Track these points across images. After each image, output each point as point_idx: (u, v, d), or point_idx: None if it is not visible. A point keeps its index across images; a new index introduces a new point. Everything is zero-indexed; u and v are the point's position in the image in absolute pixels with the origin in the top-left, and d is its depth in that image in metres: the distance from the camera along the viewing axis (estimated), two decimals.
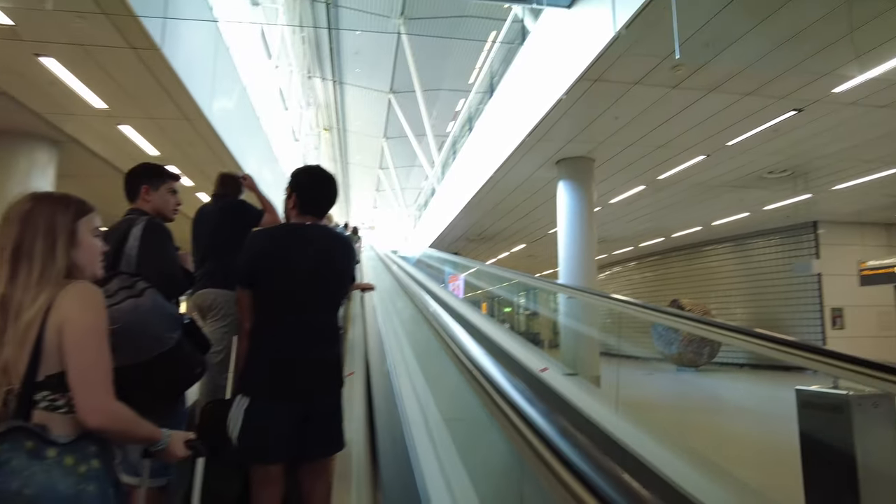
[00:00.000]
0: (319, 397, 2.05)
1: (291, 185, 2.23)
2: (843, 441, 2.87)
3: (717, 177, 10.66)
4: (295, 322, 2.06)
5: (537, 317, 20.33)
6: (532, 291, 18.75)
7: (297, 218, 2.20)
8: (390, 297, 6.86)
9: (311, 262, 2.10)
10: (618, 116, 7.73)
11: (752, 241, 16.42)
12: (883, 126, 8.01)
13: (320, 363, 2.08)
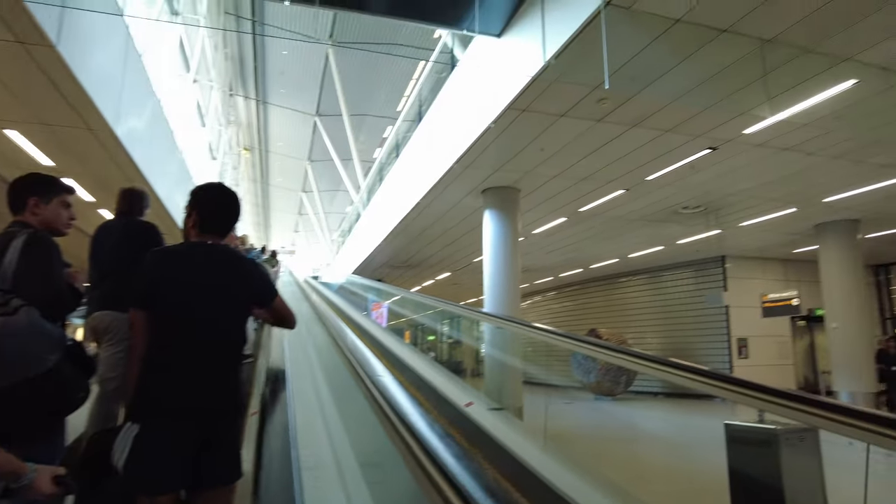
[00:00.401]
0: (215, 423, 1.92)
1: (192, 203, 2.14)
2: (772, 475, 2.85)
3: (636, 210, 11.04)
4: (189, 346, 1.95)
5: (461, 345, 20.21)
6: (456, 320, 18.64)
7: (198, 237, 2.10)
8: (307, 326, 6.45)
9: (210, 283, 2.01)
10: (544, 148, 7.81)
11: (665, 274, 17.17)
12: (786, 168, 8.57)
13: (215, 388, 1.95)
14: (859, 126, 7.07)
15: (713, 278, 15.86)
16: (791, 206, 10.78)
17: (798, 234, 13.16)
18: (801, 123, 6.97)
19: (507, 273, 9.23)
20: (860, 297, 11.95)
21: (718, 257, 15.66)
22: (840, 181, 9.31)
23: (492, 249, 9.41)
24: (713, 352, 15.23)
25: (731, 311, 15.23)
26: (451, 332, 19.23)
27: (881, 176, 9.02)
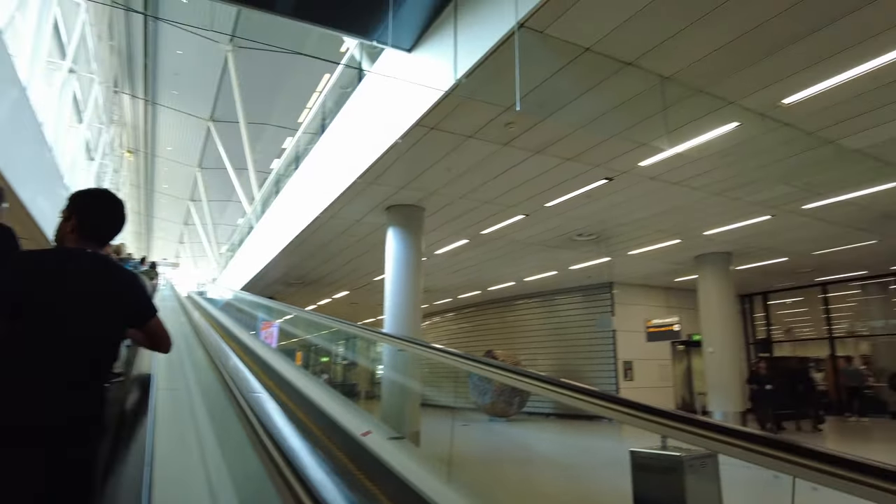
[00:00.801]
0: (63, 447, 1.70)
1: (71, 207, 2.00)
2: (677, 501, 2.84)
3: (534, 235, 11.30)
4: (47, 359, 1.75)
5: (356, 367, 19.65)
6: (351, 340, 18.08)
7: (76, 243, 1.95)
8: (187, 346, 5.83)
9: (81, 294, 1.85)
10: (450, 168, 7.75)
11: (558, 298, 17.76)
12: (673, 201, 9.13)
13: (69, 407, 1.75)
14: (738, 166, 7.67)
15: (602, 303, 16.62)
16: (675, 237, 11.54)
17: (680, 264, 14.12)
18: (689, 160, 7.43)
19: (408, 293, 9.02)
20: (732, 324, 13.00)
21: (607, 283, 16.45)
22: (719, 216, 10.08)
23: (394, 268, 9.17)
24: (601, 374, 15.87)
25: (618, 336, 16.01)
26: (346, 353, 18.63)
27: (752, 213, 9.87)
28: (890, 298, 16.22)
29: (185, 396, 4.42)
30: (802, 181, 8.27)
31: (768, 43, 4.97)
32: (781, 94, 5.81)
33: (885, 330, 16.29)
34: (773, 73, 5.43)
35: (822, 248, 12.72)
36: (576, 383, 3.08)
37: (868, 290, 16.76)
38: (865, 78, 5.49)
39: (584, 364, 16.42)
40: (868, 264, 14.68)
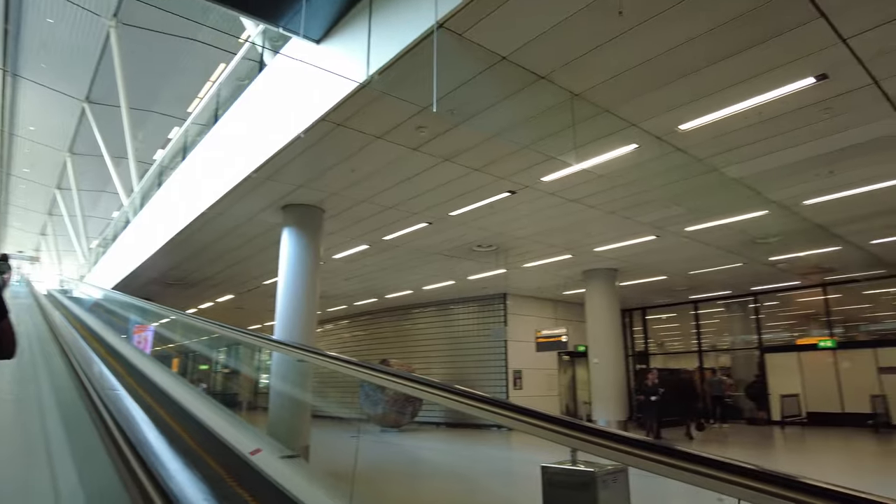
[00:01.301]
0: None
1: None
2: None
3: (436, 244, 11.23)
4: None
5: (238, 375, 18.52)
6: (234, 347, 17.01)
7: None
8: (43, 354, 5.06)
9: None
10: (355, 169, 7.45)
11: (453, 307, 17.86)
12: (570, 217, 9.43)
13: None
14: (633, 187, 8.06)
15: (496, 314, 16.92)
16: (568, 252, 11.97)
17: (570, 278, 14.71)
18: (588, 178, 7.70)
19: (303, 299, 8.54)
20: (616, 337, 13.70)
21: (501, 294, 16.80)
22: (609, 234, 10.58)
23: (288, 272, 8.66)
24: (492, 382, 16.11)
25: (510, 345, 16.36)
26: (230, 361, 17.52)
27: (640, 233, 10.47)
28: (748, 316, 17.97)
29: (33, 408, 3.79)
30: (688, 205, 8.87)
31: (672, 70, 5.22)
32: (679, 120, 6.15)
33: (743, 344, 18.01)
34: (673, 98, 5.72)
35: (697, 269, 13.81)
36: (489, 396, 2.99)
37: (731, 309, 18.48)
38: (751, 112, 5.95)
39: (477, 373, 16.59)
40: (733, 284, 16.16)
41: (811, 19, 4.49)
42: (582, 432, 2.58)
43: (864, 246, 11.76)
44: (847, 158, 7.21)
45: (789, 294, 17.12)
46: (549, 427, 2.74)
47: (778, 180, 7.94)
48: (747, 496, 1.79)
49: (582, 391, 18.77)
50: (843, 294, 16.23)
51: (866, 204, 9.01)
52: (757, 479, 1.80)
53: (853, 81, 5.41)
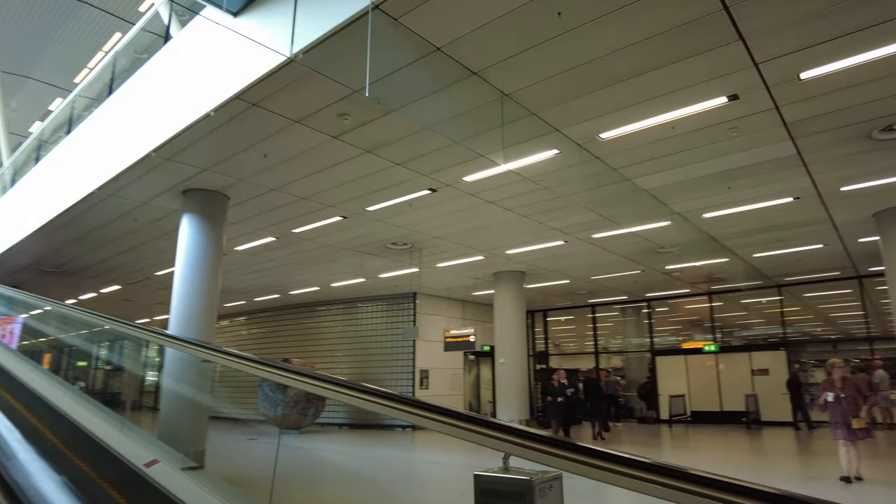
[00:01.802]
0: None
1: None
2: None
3: (349, 240, 10.86)
4: None
5: (122, 373, 17.03)
6: (120, 342, 15.61)
7: None
8: None
9: None
10: (268, 154, 6.98)
11: (361, 305, 17.47)
12: (486, 218, 9.46)
13: None
14: (549, 192, 8.19)
15: (404, 313, 16.74)
16: (481, 253, 12.04)
17: (479, 279, 14.84)
18: (509, 181, 7.73)
19: (202, 292, 7.89)
20: (521, 338, 13.98)
21: (411, 293, 16.64)
22: (522, 237, 10.74)
23: (187, 262, 7.97)
24: (399, 382, 15.92)
25: (418, 345, 16.24)
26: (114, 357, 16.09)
27: (551, 238, 10.72)
28: (641, 321, 19.07)
29: None
30: (599, 212, 9.17)
31: (599, 78, 5.30)
32: (601, 129, 6.29)
33: (636, 347, 19.09)
34: (597, 107, 5.83)
35: (600, 274, 14.41)
36: (420, 400, 2.82)
37: (626, 313, 19.52)
38: (666, 126, 6.20)
39: (383, 372, 16.32)
40: (629, 290, 17.07)
41: (731, 41, 4.72)
42: (518, 437, 2.49)
43: (748, 258, 12.81)
44: (744, 176, 7.75)
45: (679, 301, 18.38)
46: (483, 431, 2.63)
47: (683, 193, 8.40)
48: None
49: (485, 390, 19.05)
50: (725, 302, 17.66)
51: (753, 220, 9.78)
52: (711, 488, 1.76)
53: (759, 104, 5.78)
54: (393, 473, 9.21)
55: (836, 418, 7.36)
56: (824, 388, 7.64)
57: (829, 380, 7.63)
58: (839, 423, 7.32)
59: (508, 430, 2.55)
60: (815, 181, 7.96)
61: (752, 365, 16.18)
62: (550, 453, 2.39)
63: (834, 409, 7.40)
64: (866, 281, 15.15)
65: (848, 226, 10.25)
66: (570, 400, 12.51)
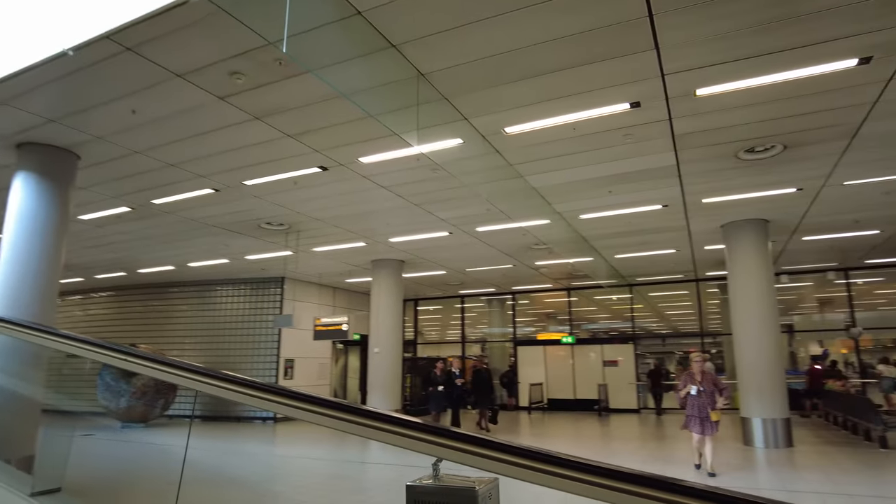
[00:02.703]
0: None
1: None
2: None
3: (219, 216, 9.86)
4: None
5: None
6: None
7: None
8: None
9: None
10: (137, 111, 6.00)
11: (221, 288, 16.13)
12: (376, 203, 9.09)
13: None
14: (444, 182, 8.04)
15: (270, 298, 15.77)
16: (363, 240, 11.62)
17: (357, 266, 14.38)
18: (406, 167, 7.46)
19: (40, 266, 6.63)
20: (397, 327, 13.77)
21: (279, 278, 15.71)
22: (409, 226, 10.51)
23: (19, 228, 6.64)
24: (262, 372, 14.96)
25: (284, 333, 15.37)
26: None
27: (437, 228, 10.62)
28: (506, 312, 19.84)
29: None
30: (487, 206, 9.22)
31: (515, 69, 5.19)
32: (507, 122, 6.23)
33: (500, 337, 19.82)
34: (508, 99, 5.74)
35: (475, 266, 14.66)
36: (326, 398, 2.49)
37: (492, 304, 20.18)
38: (568, 127, 6.31)
39: (243, 361, 15.23)
40: (498, 283, 17.62)
41: (647, 49, 4.86)
42: (449, 439, 2.26)
43: (610, 259, 13.78)
44: (626, 182, 8.21)
45: (541, 295, 19.37)
46: (409, 434, 2.35)
47: (567, 193, 8.70)
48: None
49: (352, 380, 18.64)
50: (581, 298, 18.93)
51: (623, 224, 10.47)
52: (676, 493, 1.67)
53: (656, 114, 6.08)
54: (269, 471, 8.54)
55: (694, 412, 7.48)
56: (685, 381, 7.73)
57: (690, 373, 7.75)
58: (695, 417, 7.43)
59: (434, 431, 2.31)
60: (684, 192, 8.68)
61: (603, 356, 17.53)
62: (486, 456, 2.17)
63: (693, 402, 7.52)
64: (702, 284, 17.09)
65: (699, 234, 11.39)
66: (459, 390, 12.32)
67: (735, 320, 10.43)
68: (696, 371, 7.70)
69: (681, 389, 7.82)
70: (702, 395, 7.48)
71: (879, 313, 16.32)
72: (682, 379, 7.97)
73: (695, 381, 7.63)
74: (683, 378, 7.91)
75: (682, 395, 7.75)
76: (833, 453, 9.11)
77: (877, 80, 5.46)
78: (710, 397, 7.47)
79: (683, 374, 7.99)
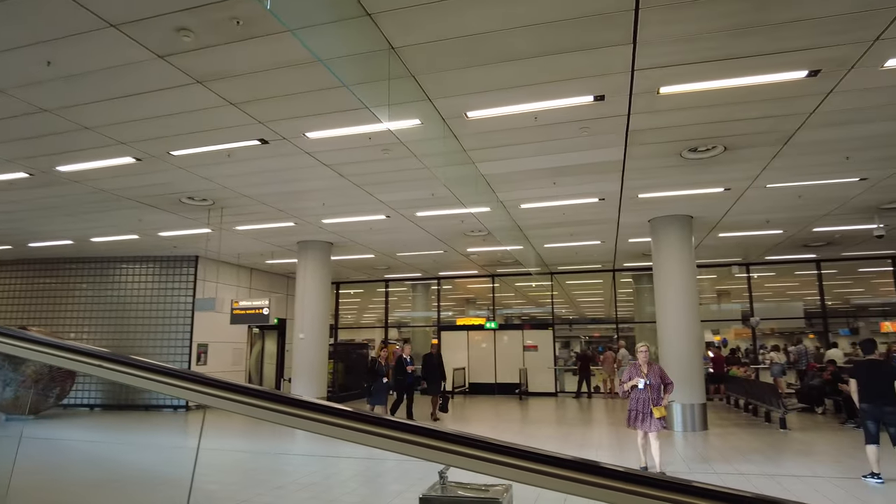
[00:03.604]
0: None
1: None
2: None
3: (136, 188, 8.94)
4: None
5: None
6: None
7: None
8: None
9: None
10: (53, 62, 5.19)
11: (126, 267, 14.79)
12: (315, 182, 8.63)
13: None
14: (394, 164, 7.73)
15: (182, 278, 14.68)
16: (293, 219, 11.01)
17: (280, 247, 13.68)
18: (357, 145, 7.07)
19: None
20: (325, 312, 13.27)
21: (192, 256, 14.67)
22: (347, 207, 10.07)
23: None
24: (173, 358, 13.93)
25: (197, 316, 14.39)
26: None
27: (375, 211, 10.28)
28: (429, 297, 19.78)
29: None
30: (433, 191, 9.00)
31: (486, 52, 4.97)
32: (470, 106, 6.03)
33: (423, 321, 19.76)
34: (475, 82, 5.53)
35: (407, 251, 14.42)
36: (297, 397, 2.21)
37: (416, 289, 20.04)
38: (529, 116, 6.21)
39: (152, 346, 14.10)
40: (426, 268, 17.49)
41: (624, 43, 4.82)
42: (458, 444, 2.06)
43: (539, 248, 14.03)
44: (572, 174, 8.30)
45: (466, 280, 19.47)
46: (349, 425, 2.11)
47: (514, 182, 8.67)
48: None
49: (269, 365, 17.88)
50: (503, 284, 19.24)
51: (560, 215, 10.65)
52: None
53: (617, 109, 6.12)
54: (198, 467, 7.88)
55: (638, 406, 6.84)
56: (631, 373, 7.04)
57: (636, 364, 7.05)
58: (640, 412, 6.81)
59: (441, 436, 2.10)
60: (624, 186, 8.91)
61: (524, 342, 17.94)
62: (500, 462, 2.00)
63: (637, 396, 6.84)
64: (617, 274, 17.90)
65: (627, 227, 11.82)
66: (411, 377, 11.68)
67: (660, 311, 10.95)
68: (642, 362, 7.03)
69: (625, 382, 7.12)
70: (648, 388, 6.83)
71: (772, 304, 17.88)
72: (626, 371, 7.23)
73: (641, 373, 6.95)
74: (629, 370, 7.19)
75: (626, 388, 7.04)
76: (743, 435, 9.84)
77: (818, 92, 5.79)
78: (657, 392, 6.83)
79: (630, 367, 7.23)
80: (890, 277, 16.29)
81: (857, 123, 6.57)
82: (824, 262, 16.24)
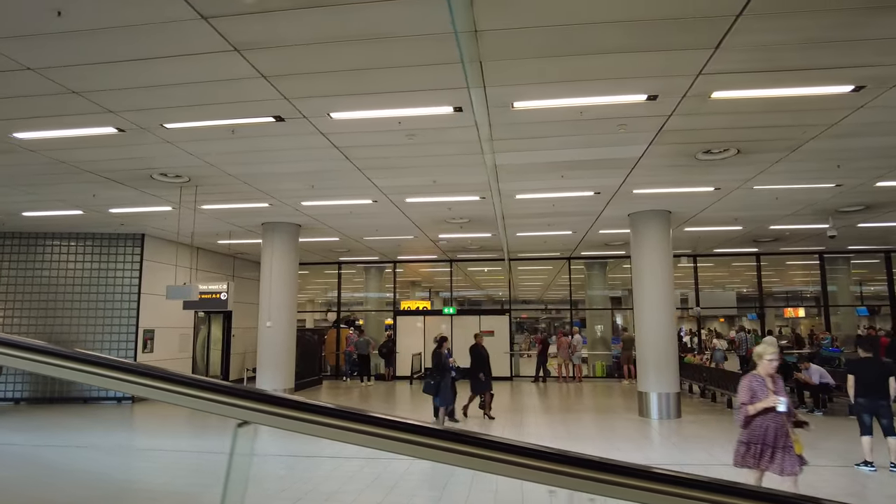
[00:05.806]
0: None
1: None
2: None
3: (103, 161, 7.90)
4: None
5: None
6: None
7: None
8: None
9: None
10: (64, 13, 4.36)
11: (61, 244, 13.27)
12: (315, 164, 8.07)
13: None
14: (412, 150, 7.32)
15: (126, 258, 13.40)
16: (270, 200, 10.24)
17: (242, 227, 12.79)
18: (385, 128, 6.61)
19: None
20: (292, 297, 12.56)
21: (139, 235, 13.42)
22: (334, 190, 9.50)
23: None
24: (118, 344, 12.74)
25: (143, 299, 13.22)
26: None
27: (364, 195, 9.82)
28: (385, 281, 19.35)
29: None
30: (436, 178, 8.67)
31: (567, 44, 4.73)
32: (519, 97, 5.74)
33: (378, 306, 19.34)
34: (536, 73, 5.26)
35: (377, 236, 13.93)
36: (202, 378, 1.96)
37: (371, 273, 19.52)
38: (576, 109, 6.02)
39: (91, 332, 12.80)
40: (388, 252, 17.03)
41: (704, 47, 4.72)
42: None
43: (510, 236, 13.98)
44: (581, 168, 8.22)
45: (424, 265, 19.18)
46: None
47: (524, 174, 8.49)
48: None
49: (215, 351, 16.81)
50: (462, 270, 19.15)
51: (549, 206, 10.62)
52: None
53: (662, 109, 6.05)
54: (168, 473, 7.11)
55: (767, 438, 4.46)
56: (753, 388, 4.57)
57: (757, 377, 4.67)
58: (770, 447, 4.43)
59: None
60: (626, 181, 8.97)
61: (480, 327, 17.96)
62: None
63: (767, 424, 4.49)
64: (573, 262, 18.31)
65: (605, 220, 12.00)
66: (455, 373, 10.45)
67: (637, 302, 11.24)
68: (767, 373, 4.63)
69: (746, 402, 4.58)
70: (784, 414, 4.50)
71: (714, 294, 19.00)
72: (745, 386, 4.65)
73: (768, 389, 4.56)
74: (748, 383, 4.64)
75: (756, 409, 4.52)
76: (714, 422, 10.36)
77: (850, 106, 5.99)
78: (791, 416, 4.58)
79: (747, 379, 4.71)
80: (808, 269, 17.82)
81: (868, 136, 6.90)
82: (763, 256, 17.40)
